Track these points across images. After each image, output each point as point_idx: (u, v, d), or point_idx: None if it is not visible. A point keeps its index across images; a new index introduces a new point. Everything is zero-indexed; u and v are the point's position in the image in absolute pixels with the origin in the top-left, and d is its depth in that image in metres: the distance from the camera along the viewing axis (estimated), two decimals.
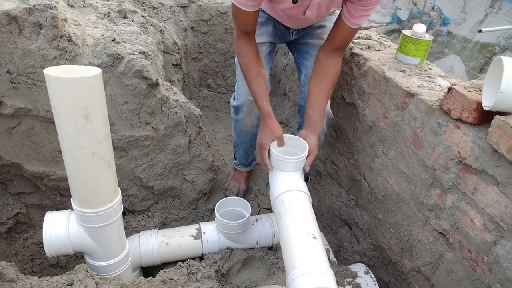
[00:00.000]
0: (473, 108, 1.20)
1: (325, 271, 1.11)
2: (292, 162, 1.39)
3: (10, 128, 1.55)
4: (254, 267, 1.69)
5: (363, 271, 1.65)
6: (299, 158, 1.39)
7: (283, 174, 1.41)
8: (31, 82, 1.45)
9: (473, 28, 5.17)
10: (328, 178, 2.24)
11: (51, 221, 1.28)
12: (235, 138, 2.02)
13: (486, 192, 1.19)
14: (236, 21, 1.53)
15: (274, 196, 1.37)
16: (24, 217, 1.77)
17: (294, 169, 1.41)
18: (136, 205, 1.86)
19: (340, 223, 2.12)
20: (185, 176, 1.88)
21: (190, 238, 1.68)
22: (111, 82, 1.52)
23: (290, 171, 1.41)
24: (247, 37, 1.55)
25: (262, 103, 1.52)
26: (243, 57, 1.56)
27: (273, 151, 1.40)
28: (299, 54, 1.85)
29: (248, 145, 2.03)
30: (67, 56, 1.43)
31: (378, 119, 1.69)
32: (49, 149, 1.62)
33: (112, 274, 1.37)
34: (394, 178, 1.62)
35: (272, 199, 1.39)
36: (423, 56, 1.66)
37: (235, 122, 1.93)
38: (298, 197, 1.33)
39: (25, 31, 1.36)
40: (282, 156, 1.38)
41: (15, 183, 1.74)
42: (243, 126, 1.90)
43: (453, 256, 1.36)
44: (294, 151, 1.46)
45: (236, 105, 1.83)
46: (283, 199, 1.32)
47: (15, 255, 1.72)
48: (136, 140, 1.66)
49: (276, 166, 1.43)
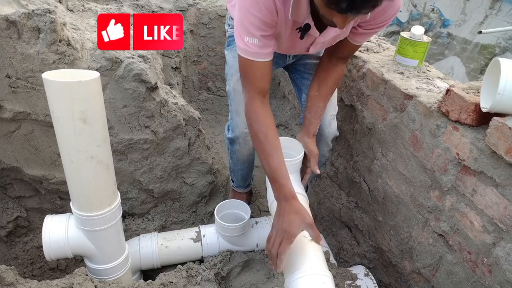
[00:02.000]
0: (471, 110, 1.21)
1: (323, 274, 1.11)
2: (289, 164, 1.39)
3: (9, 132, 1.55)
4: (254, 269, 1.68)
5: (363, 273, 1.64)
6: (295, 160, 1.39)
7: None
8: (30, 86, 1.46)
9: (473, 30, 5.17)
10: (327, 180, 2.24)
11: (50, 225, 1.28)
12: (232, 164, 1.91)
13: (485, 193, 1.19)
14: (248, 79, 1.32)
15: (271, 199, 1.37)
16: (24, 220, 1.78)
17: (290, 171, 1.41)
18: (136, 208, 1.86)
19: (340, 225, 2.12)
20: (185, 179, 1.88)
21: (190, 241, 1.68)
22: (110, 85, 1.53)
23: None
24: (262, 97, 1.34)
25: (286, 181, 1.25)
26: (260, 125, 1.31)
27: None
28: (297, 74, 1.76)
29: (245, 171, 1.92)
30: (66, 60, 1.44)
31: (377, 121, 1.69)
32: (48, 152, 1.63)
33: (111, 277, 1.36)
34: (394, 180, 1.62)
35: (269, 202, 1.38)
36: (422, 58, 1.66)
37: (231, 152, 1.82)
38: None
39: (24, 36, 1.37)
40: None
41: (15, 187, 1.74)
42: (239, 156, 1.79)
43: (453, 257, 1.35)
44: (290, 153, 1.45)
45: (231, 137, 1.70)
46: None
47: (15, 258, 1.72)
48: (135, 143, 1.66)
49: None
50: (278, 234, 1.18)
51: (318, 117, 1.52)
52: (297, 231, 1.16)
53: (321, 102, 1.53)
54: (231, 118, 1.70)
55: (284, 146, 1.46)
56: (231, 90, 1.64)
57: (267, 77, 1.33)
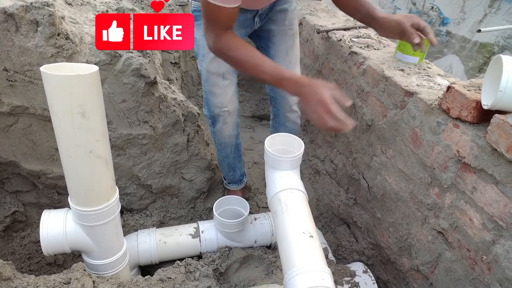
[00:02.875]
0: (472, 107, 1.20)
1: (322, 270, 1.10)
2: (288, 160, 1.38)
3: (7, 126, 1.54)
4: (252, 266, 1.68)
5: (362, 270, 1.64)
6: (295, 156, 1.38)
7: (279, 172, 1.40)
8: (28, 80, 1.45)
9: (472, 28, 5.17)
10: (326, 177, 2.24)
11: (48, 220, 1.27)
12: (218, 154, 1.94)
13: (485, 191, 1.19)
14: (215, 20, 1.30)
15: (270, 195, 1.37)
16: (21, 215, 1.77)
17: (290, 167, 1.40)
18: (134, 204, 1.85)
19: (338, 222, 2.12)
20: (183, 175, 1.88)
21: (188, 237, 1.68)
22: (108, 80, 1.52)
23: (286, 170, 1.40)
24: (230, 31, 1.34)
25: (289, 73, 1.27)
26: (239, 49, 1.31)
27: (268, 150, 1.39)
28: (262, 42, 1.75)
29: (231, 158, 1.92)
30: (64, 54, 1.42)
31: (377, 118, 1.68)
32: (46, 147, 1.62)
33: (109, 272, 1.36)
34: (393, 177, 1.62)
35: (269, 198, 1.38)
36: (422, 55, 1.66)
37: (214, 135, 1.84)
38: (295, 195, 1.32)
39: (22, 29, 1.36)
40: (278, 154, 1.37)
41: (12, 182, 1.73)
42: (221, 137, 1.82)
43: (452, 255, 1.35)
44: (289, 149, 1.44)
45: (212, 115, 1.75)
46: (279, 197, 1.32)
47: (12, 253, 1.72)
48: (134, 138, 1.66)
49: (272, 165, 1.42)
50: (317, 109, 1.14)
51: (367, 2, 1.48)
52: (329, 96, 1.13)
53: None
54: (206, 99, 1.74)
55: (284, 142, 1.45)
56: (204, 72, 1.65)
57: (234, 17, 1.30)
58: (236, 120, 1.83)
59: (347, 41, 1.99)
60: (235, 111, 1.78)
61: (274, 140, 1.44)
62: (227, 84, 1.69)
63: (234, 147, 1.89)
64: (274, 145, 1.44)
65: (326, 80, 2.15)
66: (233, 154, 1.91)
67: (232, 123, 1.79)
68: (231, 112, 1.75)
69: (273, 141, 1.44)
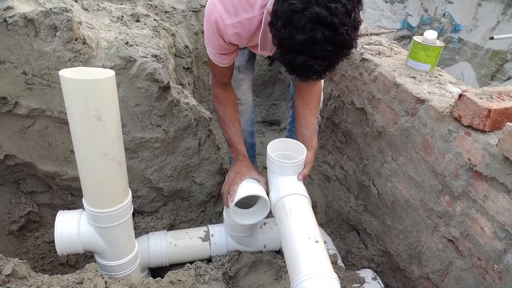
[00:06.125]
0: (484, 115, 1.20)
1: (330, 275, 1.11)
2: (291, 166, 1.39)
3: (24, 128, 1.57)
4: (261, 270, 1.69)
5: (371, 277, 1.64)
6: (297, 161, 1.38)
7: (282, 178, 1.40)
8: (46, 83, 1.48)
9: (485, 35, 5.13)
10: (336, 183, 2.24)
11: (62, 220, 1.30)
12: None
13: (497, 199, 1.18)
14: (212, 72, 1.59)
15: (274, 201, 1.37)
16: (35, 215, 1.80)
17: (293, 172, 1.41)
18: (146, 206, 1.87)
19: (348, 228, 2.12)
20: (194, 179, 1.90)
21: (198, 240, 1.69)
22: (123, 84, 1.55)
23: (289, 175, 1.41)
24: (224, 86, 1.61)
25: (240, 146, 1.61)
26: (220, 104, 1.62)
27: (271, 155, 1.40)
28: None
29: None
30: (81, 58, 1.45)
31: (388, 124, 1.69)
32: (61, 149, 1.65)
33: (121, 274, 1.38)
34: (403, 184, 1.61)
35: (272, 204, 1.38)
36: (434, 62, 1.66)
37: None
38: (299, 200, 1.33)
39: (41, 34, 1.39)
40: (281, 160, 1.38)
41: (27, 182, 1.76)
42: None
43: (463, 263, 1.35)
44: (292, 154, 1.45)
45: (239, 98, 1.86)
46: (283, 203, 1.32)
47: (26, 253, 1.75)
48: (147, 142, 1.68)
49: (274, 170, 1.43)
50: (230, 177, 1.50)
51: (315, 132, 1.60)
52: (247, 173, 1.50)
53: (314, 118, 1.61)
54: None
55: (287, 147, 1.46)
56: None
57: (227, 75, 1.58)
58: (251, 116, 1.94)
59: (358, 48, 2.00)
60: (249, 104, 1.89)
61: (276, 145, 1.45)
62: (242, 77, 1.84)
63: (249, 145, 1.95)
64: (275, 150, 1.44)
65: (337, 86, 2.16)
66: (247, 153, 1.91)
67: (246, 116, 1.88)
68: (244, 103, 1.86)
69: (274, 147, 1.44)
